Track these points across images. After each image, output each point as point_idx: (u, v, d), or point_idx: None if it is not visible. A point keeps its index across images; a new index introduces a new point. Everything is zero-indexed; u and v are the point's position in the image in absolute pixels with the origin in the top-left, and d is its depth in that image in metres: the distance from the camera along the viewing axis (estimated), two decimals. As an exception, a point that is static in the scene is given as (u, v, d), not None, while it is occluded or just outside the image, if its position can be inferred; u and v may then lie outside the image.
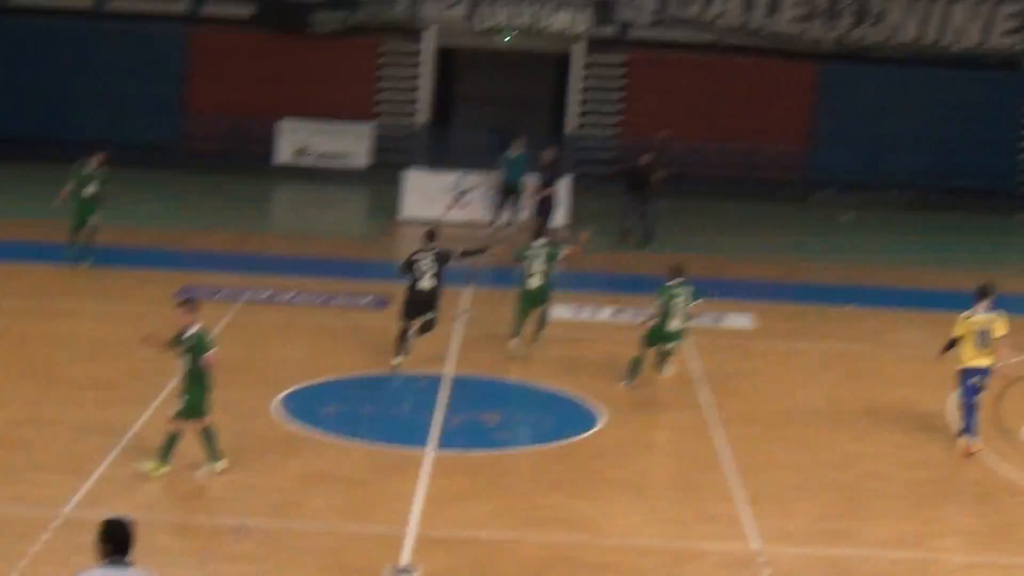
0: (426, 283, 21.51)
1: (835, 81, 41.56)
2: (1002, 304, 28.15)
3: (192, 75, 41.21)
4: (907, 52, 41.15)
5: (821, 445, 19.24)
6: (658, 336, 21.34)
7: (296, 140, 40.28)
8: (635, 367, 21.22)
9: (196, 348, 16.75)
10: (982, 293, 19.79)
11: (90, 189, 26.70)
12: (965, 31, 41.00)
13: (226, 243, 30.57)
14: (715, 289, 25.65)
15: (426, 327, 21.64)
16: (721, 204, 39.62)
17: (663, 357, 21.73)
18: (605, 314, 25.95)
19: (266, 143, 40.34)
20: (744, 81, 41.29)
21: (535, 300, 22.89)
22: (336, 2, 40.67)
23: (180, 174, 39.21)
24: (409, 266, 21.58)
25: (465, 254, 22.92)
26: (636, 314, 25.57)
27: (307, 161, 40.22)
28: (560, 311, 25.72)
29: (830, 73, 41.48)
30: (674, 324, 21.32)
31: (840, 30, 40.95)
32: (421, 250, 21.75)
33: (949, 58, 41.09)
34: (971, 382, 19.46)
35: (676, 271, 21.56)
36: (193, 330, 16.81)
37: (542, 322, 23.25)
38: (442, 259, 21.72)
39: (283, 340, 23.01)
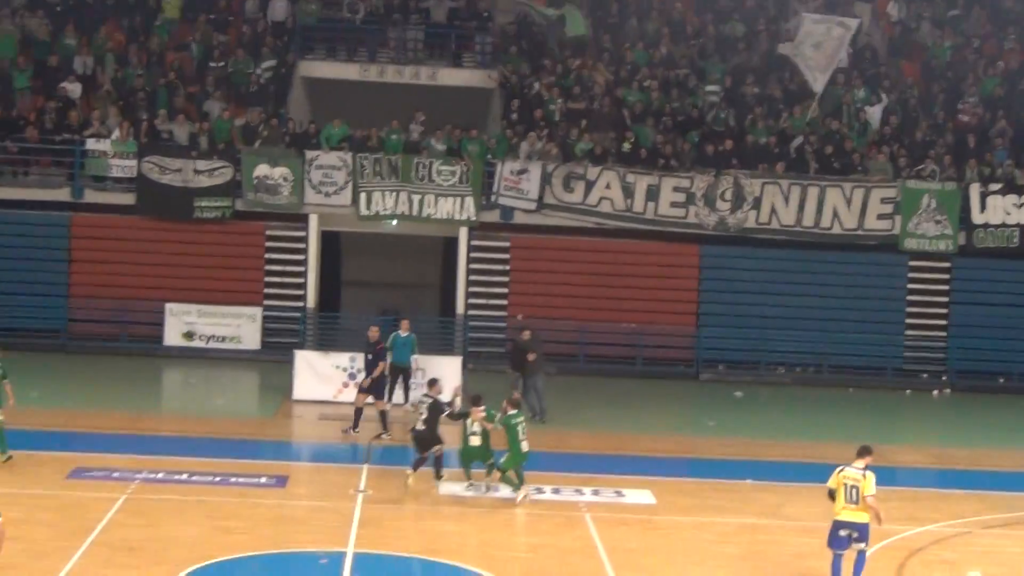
0: (419, 425, 25.88)
1: (718, 262, 42.13)
2: (894, 476, 28.64)
3: (75, 260, 40.88)
4: (787, 234, 41.86)
5: (730, 616, 19.13)
6: (515, 458, 24.98)
7: (184, 323, 40.03)
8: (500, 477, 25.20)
9: None
10: (861, 451, 20.68)
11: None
12: (842, 215, 41.81)
13: (118, 424, 30.07)
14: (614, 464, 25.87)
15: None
16: (612, 382, 39.81)
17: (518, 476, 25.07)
18: (503, 491, 25.72)
19: (154, 327, 40.04)
20: (629, 262, 41.74)
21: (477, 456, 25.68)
22: (219, 189, 40.69)
23: (67, 358, 38.72)
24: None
25: (451, 416, 26.23)
26: (535, 491, 25.60)
27: (197, 344, 39.92)
28: (455, 488, 25.59)
29: (713, 254, 42.06)
30: (524, 446, 25.02)
31: (720, 214, 41.62)
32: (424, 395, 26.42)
33: (828, 240, 41.86)
34: (840, 533, 20.17)
35: (515, 404, 25.95)
36: None
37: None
38: (433, 409, 25.92)
39: (180, 520, 22.56)
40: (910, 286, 42.47)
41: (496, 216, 41.58)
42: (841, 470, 20.51)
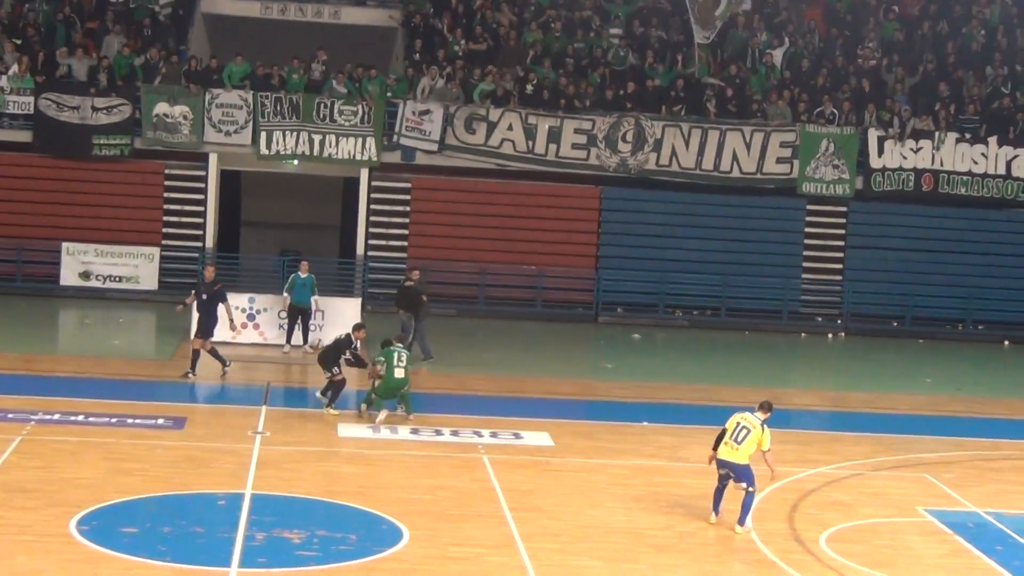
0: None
1: (618, 205, 42.32)
2: (788, 418, 29.06)
3: (-29, 197, 40.41)
4: (687, 177, 42.09)
5: (625, 558, 19.35)
6: (388, 386, 26.27)
7: (81, 263, 39.63)
8: (370, 402, 26.62)
9: None
10: (764, 405, 21.30)
11: None
12: (741, 159, 42.10)
13: (12, 365, 29.80)
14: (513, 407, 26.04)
15: None
16: (512, 324, 39.95)
17: (403, 400, 26.49)
18: (402, 432, 25.83)
19: (50, 266, 39.64)
20: (529, 204, 41.83)
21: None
22: (117, 127, 40.24)
23: (-41, 297, 38.34)
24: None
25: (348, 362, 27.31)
26: (434, 433, 25.73)
27: (94, 284, 39.56)
28: (355, 430, 25.65)
29: (613, 196, 42.25)
30: (397, 372, 26.17)
31: (621, 155, 41.76)
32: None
33: (728, 184, 42.15)
34: (720, 472, 21.01)
35: (398, 340, 27.15)
36: None
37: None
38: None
39: (76, 462, 22.45)
40: (807, 230, 42.93)
41: (397, 157, 41.48)
42: (740, 414, 21.01)
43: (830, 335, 41.90)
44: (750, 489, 20.73)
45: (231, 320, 31.20)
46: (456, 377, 31.18)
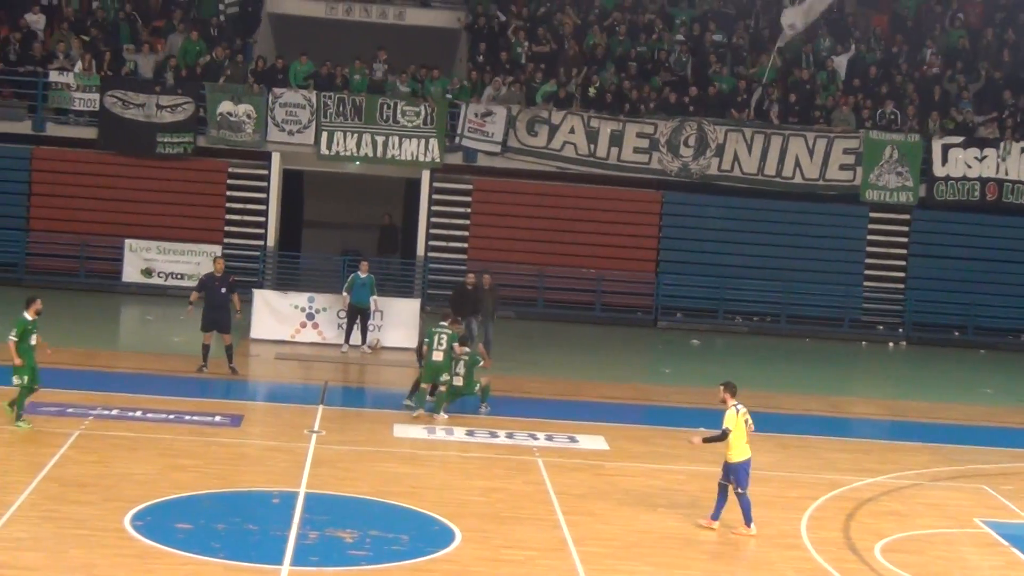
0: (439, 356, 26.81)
1: (680, 209, 42.21)
2: (847, 427, 28.94)
3: (35, 193, 40.67)
4: (749, 183, 41.91)
5: (678, 564, 19.27)
6: (428, 370, 26.80)
7: (143, 260, 39.90)
8: (414, 392, 27.00)
9: None
10: (733, 389, 21.39)
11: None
12: (804, 165, 41.88)
13: (73, 360, 29.98)
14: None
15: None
16: (570, 328, 39.90)
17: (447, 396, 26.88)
18: (458, 434, 25.84)
19: (113, 263, 39.91)
20: (590, 208, 41.78)
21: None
22: (182, 125, 40.49)
23: (24, 293, 38.35)
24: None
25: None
26: (489, 435, 25.73)
27: (155, 281, 39.81)
28: (410, 431, 25.68)
29: (675, 201, 42.13)
30: (437, 356, 26.60)
31: (683, 160, 41.64)
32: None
33: (790, 190, 41.94)
34: (749, 472, 20.92)
35: (446, 316, 28.04)
36: None
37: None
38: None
39: (133, 457, 22.58)
40: (870, 237, 42.67)
41: (460, 159, 41.53)
42: (740, 410, 21.15)
43: (891, 344, 41.62)
44: (739, 491, 20.55)
45: (239, 312, 30.99)
46: (512, 379, 31.14)
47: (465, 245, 41.60)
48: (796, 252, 42.17)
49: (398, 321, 34.36)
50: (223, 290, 30.16)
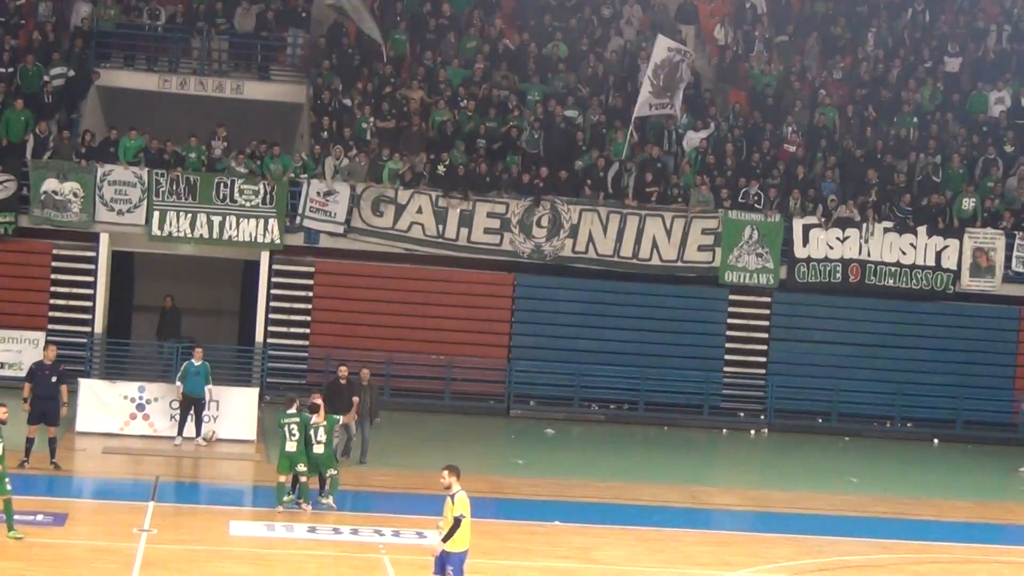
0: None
1: (533, 292, 42.42)
2: (708, 519, 29.12)
3: None
4: (604, 264, 42.23)
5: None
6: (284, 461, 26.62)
7: (-40, 348, 39.25)
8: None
9: None
10: (458, 472, 19.86)
11: None
12: (661, 245, 42.30)
13: None
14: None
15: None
16: (419, 417, 39.80)
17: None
18: (299, 530, 25.58)
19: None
20: (439, 291, 41.85)
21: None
22: (2, 203, 39.93)
23: None
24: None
25: None
26: (332, 531, 25.49)
27: (-26, 370, 39.14)
28: (247, 528, 25.37)
29: (527, 284, 42.32)
30: (289, 446, 26.48)
31: (535, 241, 41.88)
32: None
33: (647, 272, 42.30)
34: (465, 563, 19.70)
35: (290, 402, 27.27)
36: None
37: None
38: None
39: (-52, 560, 22.01)
40: (730, 321, 43.19)
41: (301, 239, 41.41)
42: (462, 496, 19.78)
43: (753, 431, 42.04)
44: None
45: (65, 404, 30.52)
46: (357, 472, 30.92)
47: (307, 331, 41.42)
48: (654, 336, 42.54)
49: (235, 411, 34.01)
50: (53, 379, 29.72)
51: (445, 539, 19.49)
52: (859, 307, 43.30)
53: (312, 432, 26.83)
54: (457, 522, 19.43)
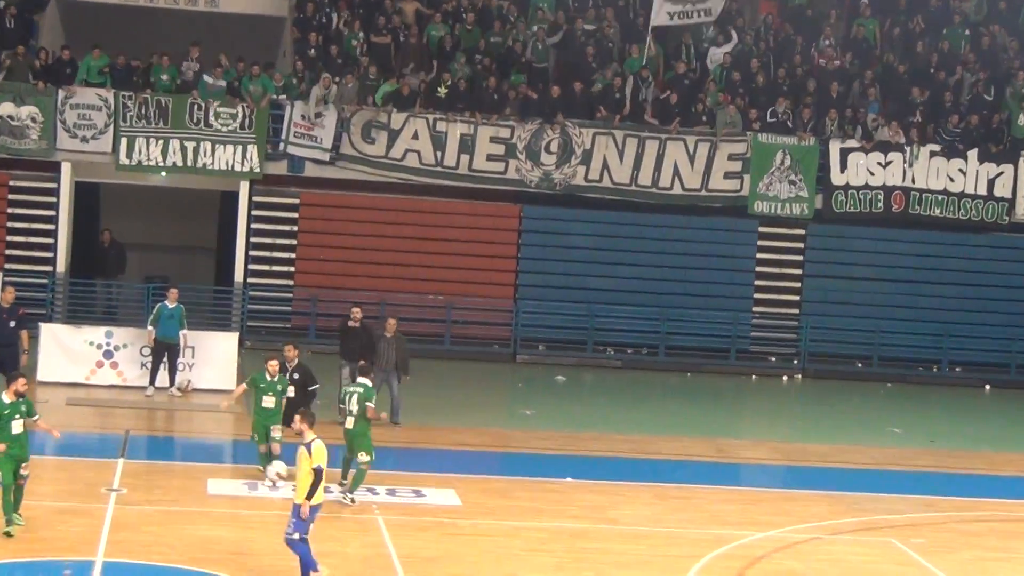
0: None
1: (541, 226, 42.38)
2: (736, 474, 29.20)
3: None
4: (621, 194, 42.18)
5: (541, 636, 19.28)
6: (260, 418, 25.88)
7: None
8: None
9: None
10: (312, 419, 20.63)
11: None
12: (684, 173, 42.21)
13: None
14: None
15: None
16: (416, 363, 39.65)
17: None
18: (284, 490, 25.63)
19: None
20: (438, 225, 41.82)
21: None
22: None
23: None
24: None
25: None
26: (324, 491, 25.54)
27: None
28: (226, 487, 25.45)
29: (535, 216, 42.28)
30: (267, 402, 25.73)
31: (544, 169, 41.81)
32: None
33: (668, 202, 42.23)
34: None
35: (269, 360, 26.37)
36: None
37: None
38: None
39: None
40: (759, 256, 43.16)
41: (284, 168, 41.37)
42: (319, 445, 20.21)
43: (785, 377, 42.11)
44: (299, 536, 20.11)
45: (26, 351, 30.60)
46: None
47: (291, 269, 41.43)
48: (675, 274, 42.54)
49: (212, 358, 34.08)
50: (11, 324, 29.83)
51: (309, 496, 19.85)
52: (903, 240, 43.27)
53: (346, 398, 25.52)
54: (318, 474, 19.82)
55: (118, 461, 26.74)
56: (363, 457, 24.64)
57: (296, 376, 26.96)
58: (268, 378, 26.06)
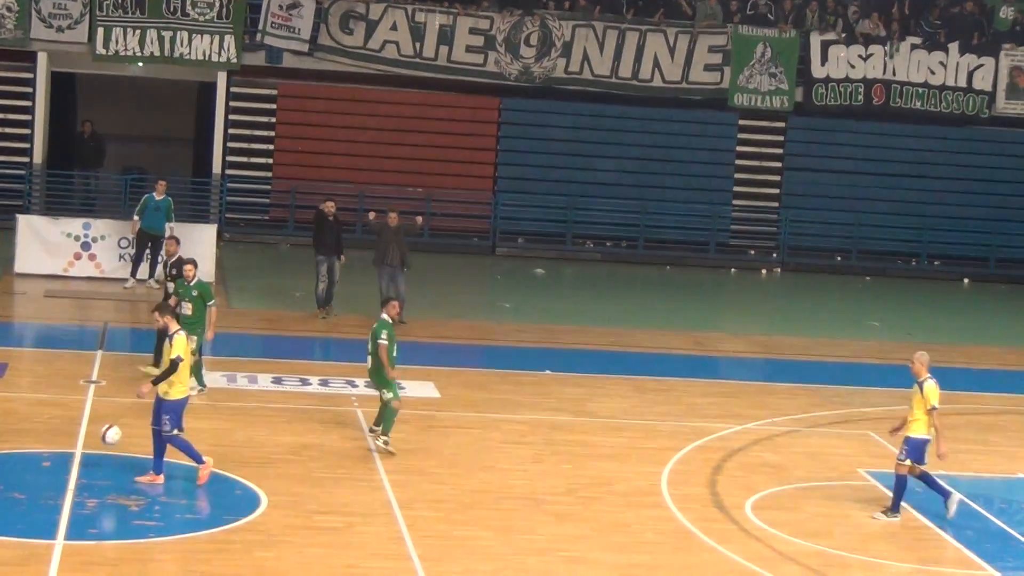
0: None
1: (521, 118, 42.29)
2: (715, 367, 29.28)
3: None
4: (600, 86, 42.07)
5: (519, 528, 19.34)
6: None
7: None
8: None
9: None
10: (169, 311, 20.92)
11: None
12: (664, 65, 42.08)
13: None
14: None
15: None
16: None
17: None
18: (262, 382, 25.70)
19: None
20: (416, 117, 41.70)
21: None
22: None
23: None
24: None
25: None
26: (300, 382, 25.62)
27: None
28: (209, 379, 25.45)
29: (514, 108, 42.17)
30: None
31: (523, 61, 41.66)
32: None
33: (648, 94, 42.15)
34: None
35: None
36: None
37: None
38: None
39: None
40: (739, 148, 43.19)
41: (262, 59, 41.20)
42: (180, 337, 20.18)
43: (764, 270, 42.19)
44: (172, 431, 20.05)
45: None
46: (325, 319, 31.00)
47: (269, 160, 41.34)
48: (655, 166, 42.53)
49: (191, 250, 33.71)
50: None
51: (156, 382, 20.00)
52: (883, 133, 43.29)
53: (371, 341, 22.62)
54: (174, 364, 19.85)
55: (96, 353, 26.75)
56: (386, 395, 22.32)
57: (174, 271, 25.86)
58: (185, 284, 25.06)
